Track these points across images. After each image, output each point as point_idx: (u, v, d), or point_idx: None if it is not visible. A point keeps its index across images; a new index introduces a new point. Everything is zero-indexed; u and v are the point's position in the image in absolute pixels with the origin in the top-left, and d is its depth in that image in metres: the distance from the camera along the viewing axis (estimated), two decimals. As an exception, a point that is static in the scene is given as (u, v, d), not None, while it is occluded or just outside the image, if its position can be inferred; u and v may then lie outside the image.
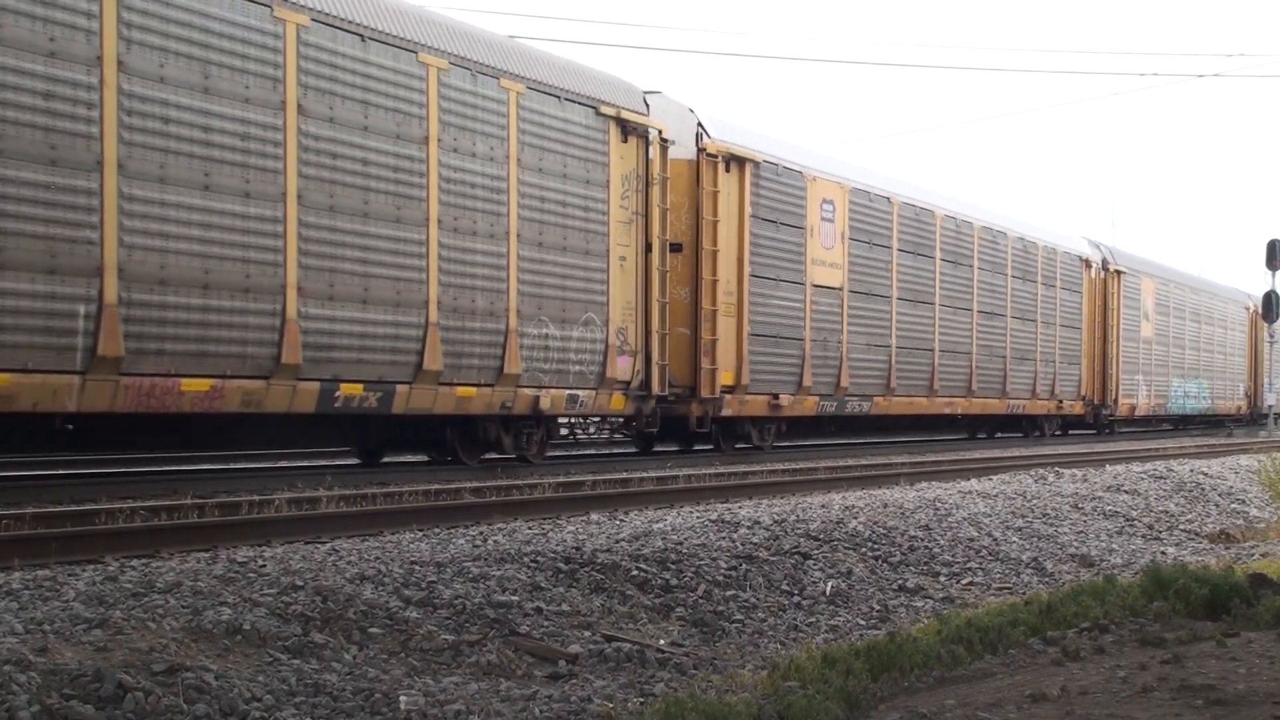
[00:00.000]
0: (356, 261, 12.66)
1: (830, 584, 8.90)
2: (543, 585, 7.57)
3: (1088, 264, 29.60)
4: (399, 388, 13.04)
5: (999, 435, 27.76)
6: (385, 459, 15.28)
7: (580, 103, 15.38)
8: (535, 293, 14.77)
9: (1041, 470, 17.28)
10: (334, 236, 12.47)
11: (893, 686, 5.71)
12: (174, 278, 11.09)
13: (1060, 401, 28.28)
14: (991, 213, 26.16)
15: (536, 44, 13.92)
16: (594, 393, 15.60)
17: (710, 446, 18.72)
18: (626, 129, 16.02)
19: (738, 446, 18.96)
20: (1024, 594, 8.95)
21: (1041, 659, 6.08)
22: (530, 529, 9.84)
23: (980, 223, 24.82)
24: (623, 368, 15.99)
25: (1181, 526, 13.86)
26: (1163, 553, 11.86)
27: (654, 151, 16.47)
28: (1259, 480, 15.38)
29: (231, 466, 14.52)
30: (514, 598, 7.15)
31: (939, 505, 12.26)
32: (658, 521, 10.25)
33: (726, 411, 17.87)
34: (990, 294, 25.09)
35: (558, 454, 16.42)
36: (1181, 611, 7.05)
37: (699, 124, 17.56)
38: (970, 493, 13.81)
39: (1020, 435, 27.80)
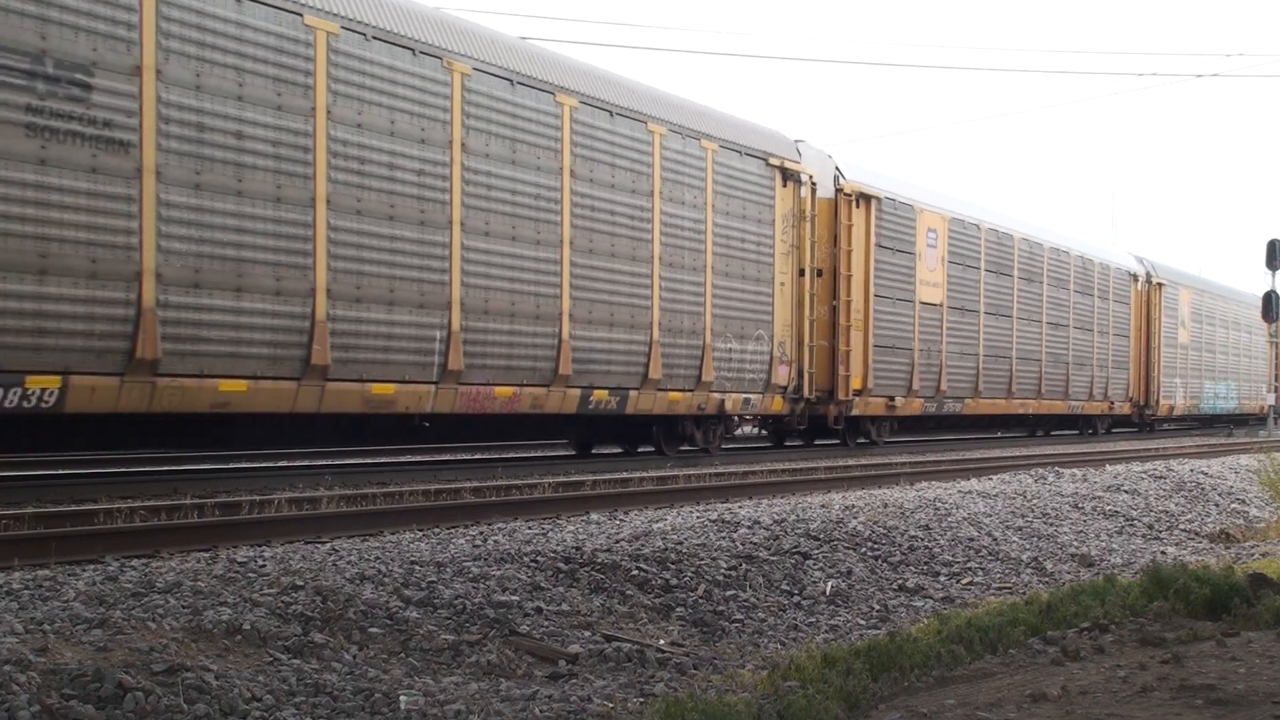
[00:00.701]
0: (608, 293, 16.05)
1: (830, 584, 8.90)
2: (543, 585, 7.57)
3: (1134, 278, 32.82)
4: (631, 393, 16.36)
5: (1054, 433, 30.58)
6: (593, 451, 19.13)
7: (754, 155, 18.68)
8: (723, 314, 18.09)
9: (1041, 470, 17.28)
10: (592, 274, 15.75)
11: (893, 686, 5.71)
12: (496, 309, 14.38)
13: (1112, 403, 31.39)
14: (1057, 234, 29.22)
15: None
16: (761, 396, 18.89)
17: (836, 441, 22.10)
18: (786, 175, 19.32)
19: (859, 441, 22.21)
20: (1024, 594, 8.94)
21: (1041, 659, 6.08)
22: (530, 529, 9.84)
23: (1049, 244, 27.99)
24: (782, 375, 19.28)
25: (1181, 526, 13.86)
26: (1163, 552, 11.86)
27: (805, 192, 19.84)
28: (1259, 480, 15.36)
29: (231, 466, 14.52)
30: (514, 598, 7.15)
31: (939, 505, 12.26)
32: (658, 521, 10.25)
33: (855, 411, 21.10)
34: (1056, 307, 28.21)
35: (687, 448, 18.79)
36: (1181, 611, 7.05)
37: (836, 168, 20.84)
38: (970, 492, 13.81)
39: (1076, 433, 30.92)
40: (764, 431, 22.32)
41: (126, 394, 10.86)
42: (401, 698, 5.32)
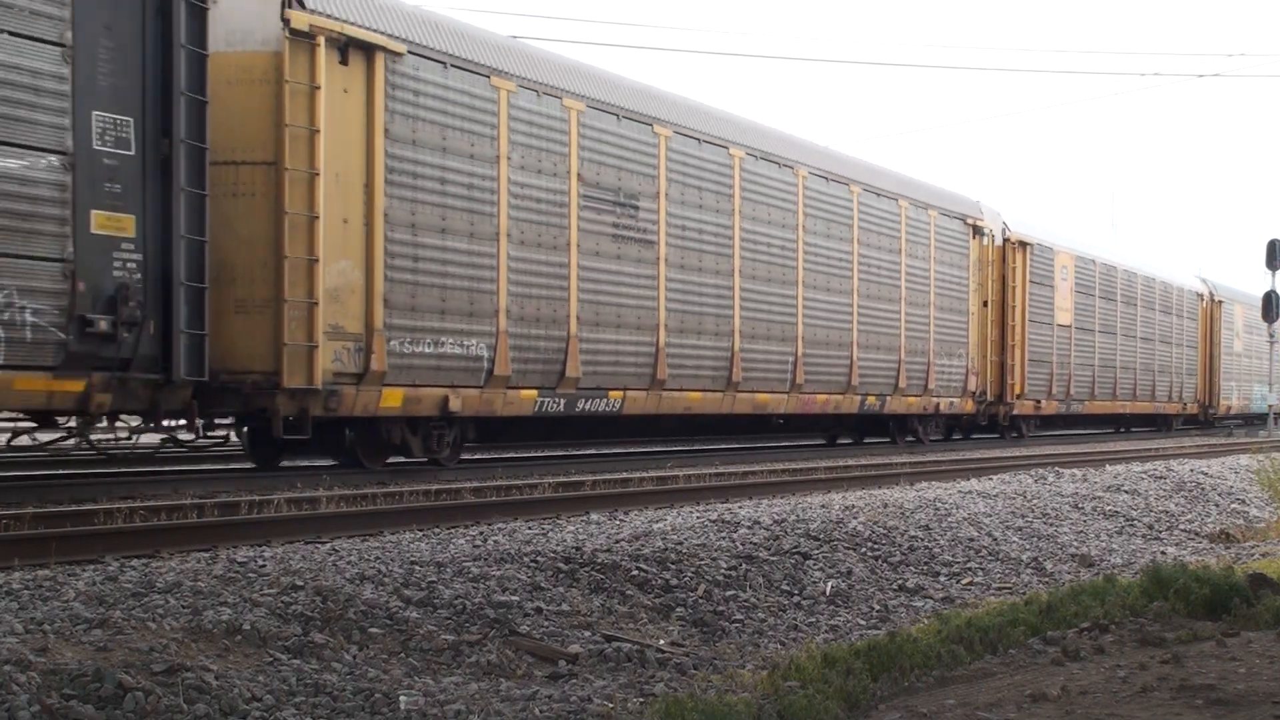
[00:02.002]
0: (876, 328, 21.54)
1: (830, 584, 8.90)
2: (543, 585, 7.57)
3: (1200, 297, 38.42)
4: (887, 398, 21.93)
5: (1133, 430, 35.41)
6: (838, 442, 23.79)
7: (956, 217, 24.39)
8: (940, 338, 23.66)
9: (1041, 470, 17.27)
10: (869, 315, 21.22)
11: (893, 686, 5.71)
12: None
13: (1184, 404, 37.07)
14: (1145, 264, 35.23)
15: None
16: (959, 399, 24.54)
17: (996, 435, 27.11)
18: (975, 230, 25.05)
19: (1012, 435, 27.44)
20: (1024, 594, 8.94)
21: (1041, 659, 6.08)
22: (530, 529, 9.84)
23: (1141, 273, 33.69)
24: (973, 384, 24.87)
25: (1181, 526, 13.86)
26: (1163, 552, 11.85)
27: (986, 242, 25.62)
28: (1259, 480, 15.36)
29: (231, 466, 14.52)
30: (514, 598, 7.15)
31: (939, 505, 12.26)
32: (658, 521, 10.25)
33: (1015, 411, 26.95)
34: (1146, 325, 33.81)
35: (911, 440, 24.11)
36: (1181, 611, 7.05)
37: (1004, 222, 26.52)
38: (970, 493, 13.80)
39: (1154, 429, 35.95)
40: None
41: (651, 401, 16.56)
42: (401, 698, 5.32)
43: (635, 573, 8.12)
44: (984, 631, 6.62)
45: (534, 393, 14.73)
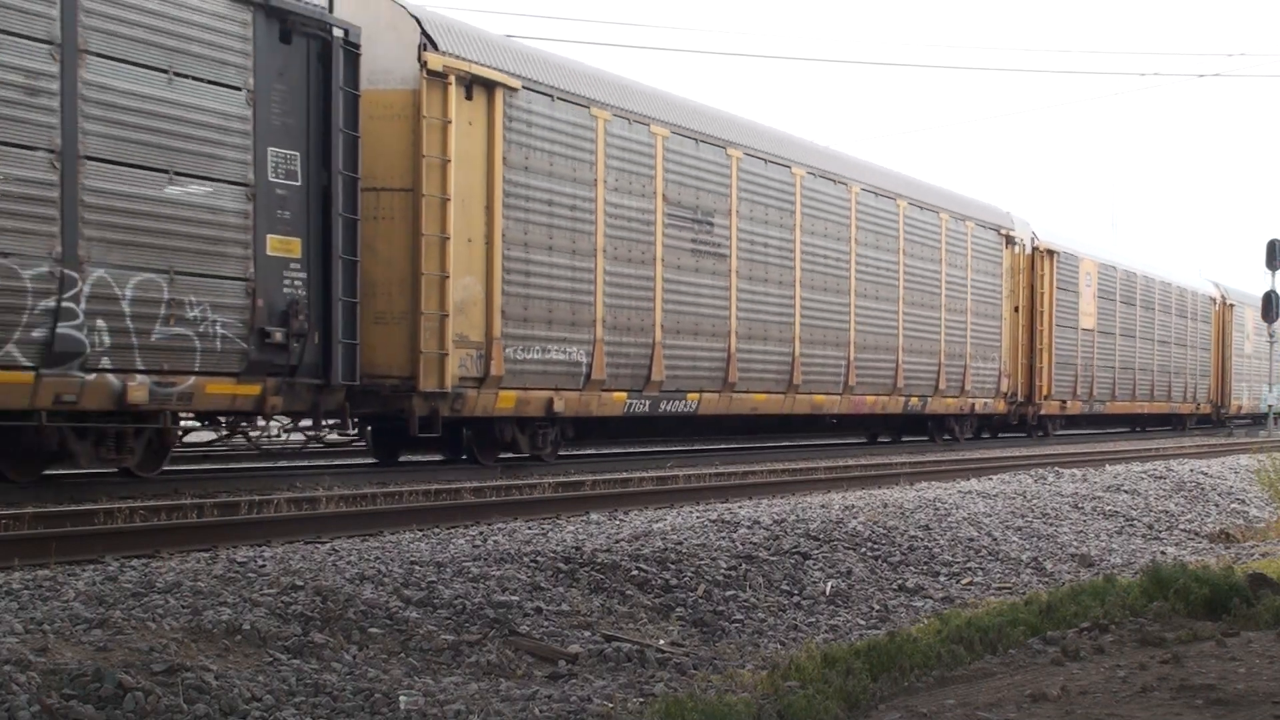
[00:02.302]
0: (918, 333, 22.90)
1: (830, 584, 8.90)
2: (543, 585, 7.57)
3: (1213, 301, 39.65)
4: (929, 399, 23.34)
5: (1150, 429, 36.76)
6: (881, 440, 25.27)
7: (991, 228, 25.77)
8: (976, 342, 24.87)
9: (1041, 470, 17.28)
10: (912, 322, 22.75)
11: (893, 686, 5.71)
12: (861, 343, 20.98)
13: (1198, 404, 38.35)
14: (1163, 269, 36.43)
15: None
16: (992, 400, 25.91)
17: (1024, 434, 28.12)
18: (1007, 240, 26.29)
19: (1038, 434, 28.41)
20: (1024, 594, 8.94)
21: (1041, 659, 6.08)
22: (530, 529, 9.84)
23: (1159, 278, 34.95)
24: (1005, 385, 26.24)
25: (1181, 526, 13.86)
26: (1163, 552, 11.86)
27: (1017, 250, 26.93)
28: (1259, 480, 15.36)
29: (231, 466, 14.52)
30: (514, 598, 7.15)
31: (939, 505, 12.26)
32: (657, 521, 10.25)
33: (1043, 412, 27.94)
34: (1163, 329, 35.15)
35: (947, 438, 25.37)
36: (1181, 611, 7.05)
37: (1033, 232, 27.71)
38: (970, 493, 13.80)
39: (1169, 428, 37.20)
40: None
41: (722, 402, 17.95)
42: (401, 698, 5.32)
43: (635, 573, 8.12)
44: (984, 631, 6.62)
45: (624, 395, 16.08)
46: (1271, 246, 35.49)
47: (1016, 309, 26.78)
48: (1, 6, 9.59)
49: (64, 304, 10.01)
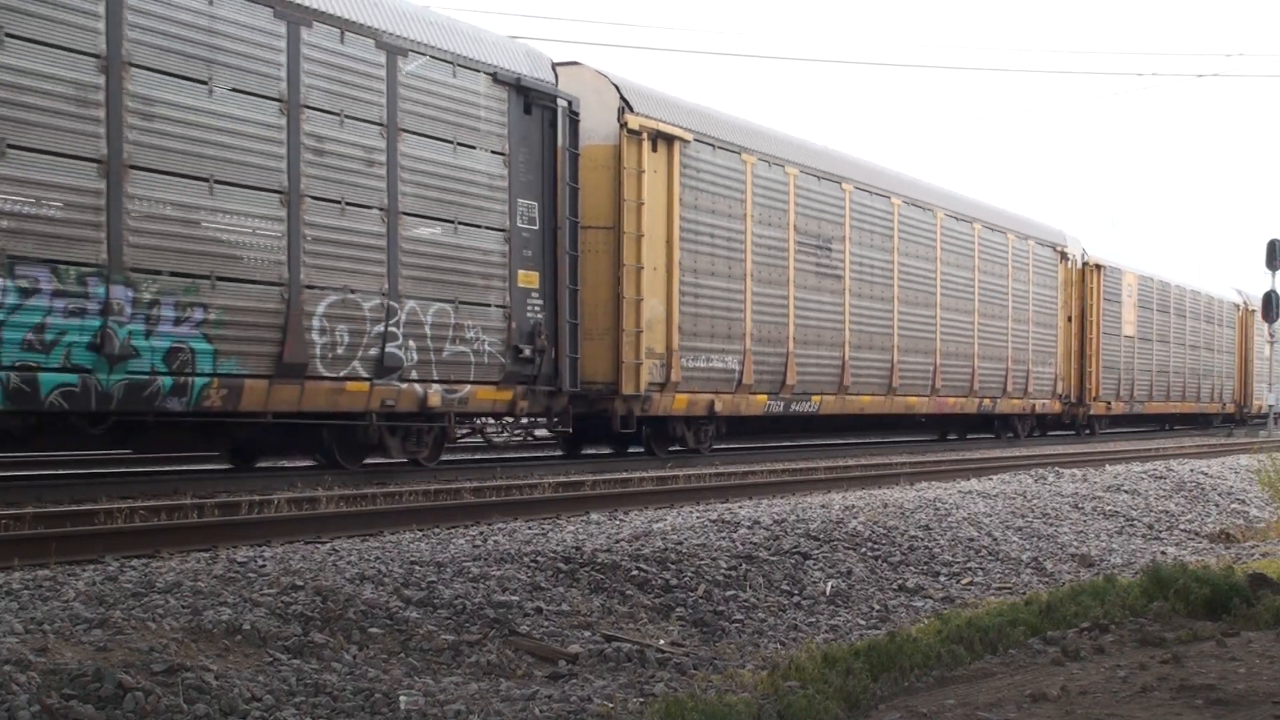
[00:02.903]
0: (992, 341, 25.83)
1: (830, 584, 8.90)
2: (543, 585, 7.57)
3: (1236, 307, 42.42)
4: (999, 400, 26.34)
5: (1178, 427, 39.43)
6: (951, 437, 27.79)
7: (1049, 245, 28.63)
8: (1036, 349, 27.77)
9: (1041, 470, 17.28)
10: (987, 331, 25.60)
11: (893, 686, 5.71)
12: (948, 351, 24.21)
13: (1224, 404, 40.91)
14: (1193, 279, 39.34)
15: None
16: (1049, 401, 28.57)
17: (1073, 432, 30.72)
18: (1061, 256, 29.26)
19: (1085, 432, 30.89)
20: (1024, 594, 8.94)
21: (1041, 659, 6.08)
22: (530, 529, 9.84)
23: (1189, 288, 37.87)
24: (1060, 388, 29.15)
25: (1181, 526, 13.86)
26: (1163, 552, 11.86)
27: (1070, 265, 29.71)
28: (1259, 480, 15.36)
29: (231, 466, 14.51)
30: (514, 598, 7.15)
31: (939, 505, 12.26)
32: (658, 521, 10.25)
33: (1091, 412, 30.73)
34: (1194, 334, 38.15)
35: (1010, 435, 27.99)
36: (1181, 611, 7.05)
37: (1083, 248, 30.52)
38: (970, 493, 13.80)
39: (1197, 429, 39.51)
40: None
41: (838, 403, 20.78)
42: (401, 698, 5.32)
43: (635, 573, 8.12)
44: (984, 631, 6.62)
45: (765, 397, 18.93)
46: (1271, 246, 35.50)
47: (1070, 318, 29.77)
48: (352, 99, 12.55)
49: (390, 329, 12.94)
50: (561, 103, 15.03)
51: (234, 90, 11.43)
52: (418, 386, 13.19)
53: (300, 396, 12.06)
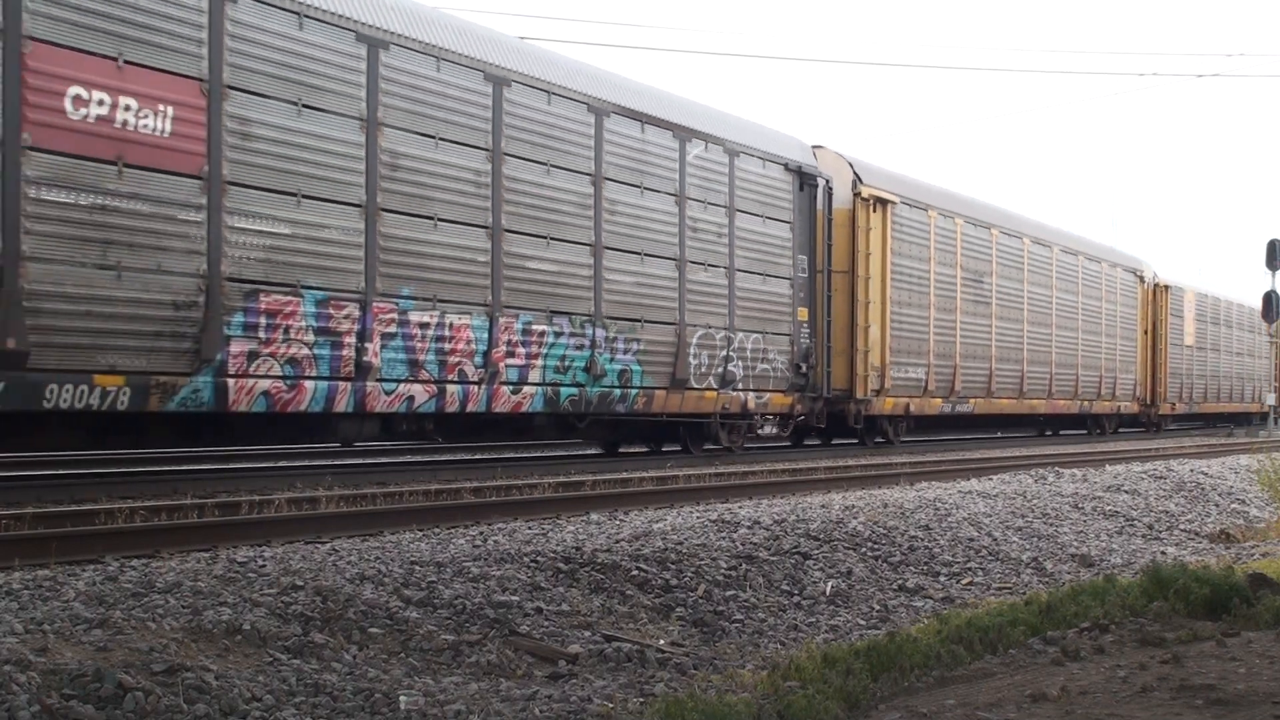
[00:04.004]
0: (1091, 353, 30.99)
1: (830, 584, 8.90)
2: (543, 585, 7.57)
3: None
4: (1094, 403, 31.32)
5: (1221, 425, 42.82)
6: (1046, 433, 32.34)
7: (1129, 270, 33.91)
8: (1122, 358, 32.88)
9: (1041, 470, 17.27)
10: (1070, 344, 29.95)
11: (893, 686, 5.71)
12: (1035, 360, 28.76)
13: (1262, 405, 45.05)
14: (1232, 293, 44.45)
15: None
16: (1129, 403, 33.59)
17: (1142, 429, 35.71)
18: (1139, 279, 34.60)
19: (1153, 429, 36.09)
20: (1024, 594, 8.94)
21: (1041, 659, 6.08)
22: (530, 529, 9.84)
23: (1235, 302, 43.02)
24: (1138, 391, 33.77)
25: (1181, 526, 13.86)
26: (1163, 552, 11.85)
27: (1146, 286, 35.06)
28: (1259, 480, 15.36)
29: (232, 466, 14.52)
30: (514, 598, 7.15)
31: (939, 505, 12.26)
32: (658, 521, 10.25)
33: (1160, 411, 36.03)
34: (1240, 342, 43.40)
35: (1099, 432, 32.78)
36: (1181, 611, 7.05)
37: (1154, 271, 35.99)
38: (970, 493, 13.80)
39: (1233, 424, 43.00)
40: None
41: (986, 405, 26.07)
42: (401, 698, 5.32)
43: (635, 573, 8.12)
44: (984, 631, 6.62)
45: (940, 400, 24.10)
46: (1271, 246, 35.47)
47: (1145, 332, 34.95)
48: (710, 189, 17.77)
49: (729, 353, 18.07)
50: (822, 180, 20.40)
51: (654, 191, 16.67)
52: (742, 394, 18.44)
53: (681, 401, 17.19)
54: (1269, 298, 36.65)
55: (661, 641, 7.10)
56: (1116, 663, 5.76)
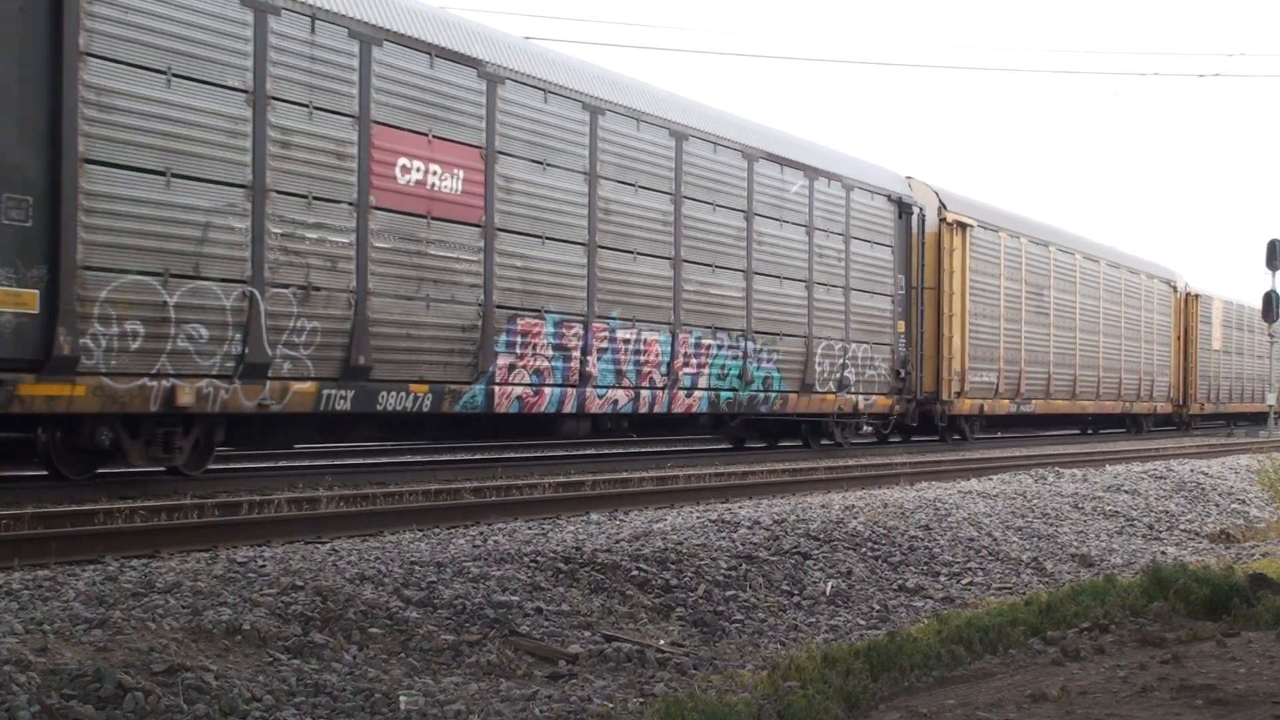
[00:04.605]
0: (1115, 354, 32.90)
1: (830, 584, 8.90)
2: (543, 585, 7.57)
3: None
4: (1135, 404, 33.67)
5: (1242, 423, 44.54)
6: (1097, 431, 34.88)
7: (1164, 280, 36.49)
8: (1159, 363, 35.55)
9: (1041, 470, 17.27)
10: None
11: (893, 686, 5.71)
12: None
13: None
14: (1241, 293, 48.33)
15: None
16: (1164, 403, 36.23)
17: (1174, 427, 38.08)
18: (1173, 288, 37.33)
19: (1183, 427, 38.52)
20: (1024, 594, 8.94)
21: (1041, 659, 6.08)
22: (530, 529, 9.84)
23: (1248, 306, 44.25)
24: (1172, 393, 36.63)
25: (1181, 526, 13.85)
26: (1163, 552, 11.85)
27: (1178, 296, 37.49)
28: (1259, 480, 15.35)
29: (232, 466, 14.51)
30: (514, 598, 7.15)
31: (939, 505, 12.26)
32: (658, 521, 10.25)
33: (1190, 411, 38.36)
34: (1263, 347, 45.21)
35: (1138, 430, 35.47)
36: (1181, 611, 7.04)
37: (1185, 282, 38.44)
38: (970, 493, 13.80)
39: (1253, 424, 44.51)
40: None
41: (1043, 405, 29.00)
42: (401, 698, 5.32)
43: (635, 573, 8.12)
44: (984, 631, 6.62)
45: (1007, 401, 26.64)
46: (1272, 246, 35.48)
47: (1178, 337, 37.46)
48: (831, 219, 20.63)
49: (845, 361, 20.77)
50: (917, 209, 23.21)
51: (791, 223, 19.50)
52: (854, 397, 21.05)
53: (809, 403, 19.93)
54: (1269, 298, 36.66)
55: (661, 641, 7.10)
56: (1116, 663, 5.76)
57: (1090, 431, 34.81)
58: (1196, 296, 38.79)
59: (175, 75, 10.90)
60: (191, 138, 11.03)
